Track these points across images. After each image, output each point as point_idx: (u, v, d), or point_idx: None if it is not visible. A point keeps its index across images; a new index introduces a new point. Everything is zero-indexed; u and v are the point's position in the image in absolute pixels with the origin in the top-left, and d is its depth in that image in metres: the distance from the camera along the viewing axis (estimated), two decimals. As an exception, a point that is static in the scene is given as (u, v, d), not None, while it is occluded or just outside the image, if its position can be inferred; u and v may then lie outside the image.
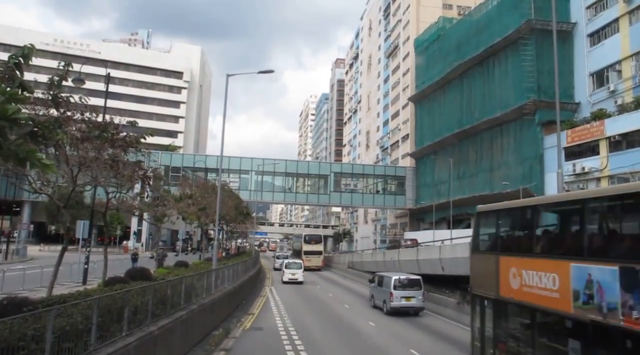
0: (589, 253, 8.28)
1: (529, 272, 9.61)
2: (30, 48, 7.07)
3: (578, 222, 9.23)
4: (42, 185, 13.43)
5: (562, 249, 9.27)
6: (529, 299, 9.56)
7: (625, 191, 8.48)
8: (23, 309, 7.34)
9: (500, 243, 11.39)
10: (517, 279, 9.97)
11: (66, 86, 11.14)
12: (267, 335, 17.47)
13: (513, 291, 10.11)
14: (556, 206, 10.52)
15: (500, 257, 10.86)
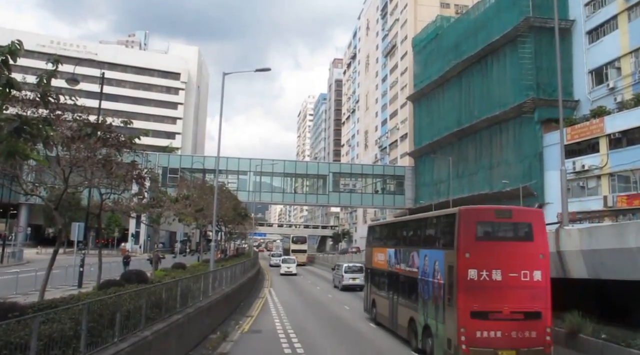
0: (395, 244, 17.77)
1: (378, 254, 19.94)
2: (17, 44, 6.81)
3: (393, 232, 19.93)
4: (34, 187, 13.15)
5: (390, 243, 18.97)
6: (378, 266, 19.84)
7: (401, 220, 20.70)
8: (9, 315, 7.01)
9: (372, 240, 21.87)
10: (376, 257, 20.33)
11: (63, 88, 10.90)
12: (266, 338, 17.16)
13: (374, 263, 20.59)
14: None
15: (372, 248, 21.17)
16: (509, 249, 12.27)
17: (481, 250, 11.96)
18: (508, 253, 12.13)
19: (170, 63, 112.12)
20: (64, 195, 12.19)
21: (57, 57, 8.66)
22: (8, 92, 7.07)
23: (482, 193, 48.27)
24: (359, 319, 21.87)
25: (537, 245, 12.13)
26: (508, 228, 12.78)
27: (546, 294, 11.88)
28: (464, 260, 11.79)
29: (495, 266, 11.82)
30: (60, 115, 10.76)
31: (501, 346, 11.47)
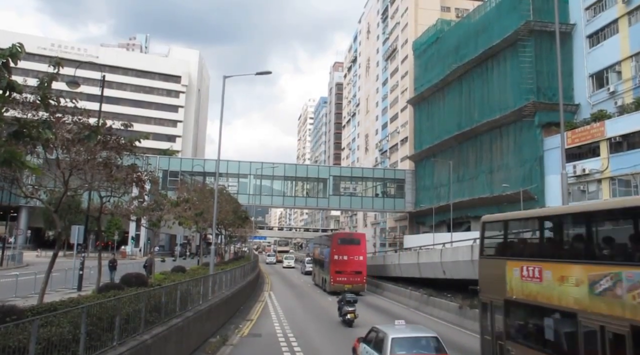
0: None
1: (317, 250, 44.78)
2: (18, 47, 6.80)
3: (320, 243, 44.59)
4: (34, 190, 13.12)
5: None
6: (316, 257, 45.67)
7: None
8: (7, 319, 6.98)
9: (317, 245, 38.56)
10: (316, 251, 45.23)
11: (63, 90, 10.88)
12: (266, 342, 17.11)
13: (315, 256, 45.86)
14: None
15: (314, 248, 37.89)
16: (350, 248, 35.65)
17: (339, 248, 35.55)
18: (350, 249, 35.60)
19: (171, 66, 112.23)
20: (63, 198, 12.15)
21: (58, 60, 8.66)
22: (9, 95, 7.06)
23: (482, 197, 48.22)
24: (359, 322, 21.76)
25: (361, 246, 36.30)
26: (349, 241, 36.83)
27: (364, 264, 35.85)
28: (333, 252, 35.43)
29: (344, 254, 35.32)
30: (61, 118, 10.74)
31: (345, 283, 33.67)
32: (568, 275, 9.55)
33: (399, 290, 32.91)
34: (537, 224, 12.12)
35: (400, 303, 30.45)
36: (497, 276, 11.90)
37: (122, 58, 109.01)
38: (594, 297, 8.71)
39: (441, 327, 20.50)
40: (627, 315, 7.88)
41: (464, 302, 22.26)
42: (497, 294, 11.83)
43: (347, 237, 40.42)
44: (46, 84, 9.01)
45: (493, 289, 12.12)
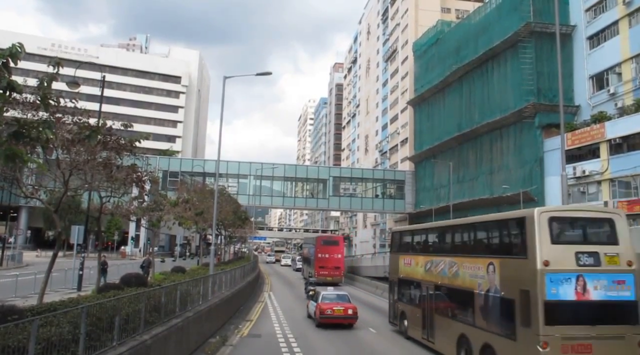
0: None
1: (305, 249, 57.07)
2: (19, 47, 6.80)
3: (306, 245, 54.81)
4: (34, 190, 13.11)
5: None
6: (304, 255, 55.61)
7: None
8: (7, 318, 6.97)
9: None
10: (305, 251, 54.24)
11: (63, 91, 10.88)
12: (266, 342, 17.11)
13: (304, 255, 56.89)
14: None
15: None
16: (331, 248, 44.88)
17: (322, 248, 44.71)
18: (331, 249, 44.87)
19: (171, 66, 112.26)
20: (63, 198, 12.14)
21: (58, 60, 8.65)
22: (9, 95, 7.05)
23: (482, 198, 48.22)
24: (359, 323, 21.78)
25: (340, 248, 46.83)
26: (330, 242, 46.63)
27: (342, 261, 46.22)
28: (317, 251, 44.95)
29: (326, 252, 44.51)
30: (61, 118, 10.74)
31: (327, 276, 41.71)
32: (418, 262, 18.14)
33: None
34: (408, 233, 21.53)
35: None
36: (394, 264, 20.88)
37: (122, 58, 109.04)
38: (425, 272, 17.20)
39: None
40: (434, 280, 16.36)
41: None
42: (394, 274, 20.70)
43: (328, 239, 51.51)
44: (46, 84, 9.01)
45: (392, 272, 21.12)
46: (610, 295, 10.96)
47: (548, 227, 11.23)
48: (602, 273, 11.04)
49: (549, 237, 11.17)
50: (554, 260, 10.92)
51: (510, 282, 11.91)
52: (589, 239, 11.89)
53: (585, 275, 10.91)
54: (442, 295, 15.76)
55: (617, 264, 11.21)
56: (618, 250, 11.36)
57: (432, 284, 16.39)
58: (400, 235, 21.52)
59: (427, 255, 17.44)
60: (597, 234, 12.09)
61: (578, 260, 11.04)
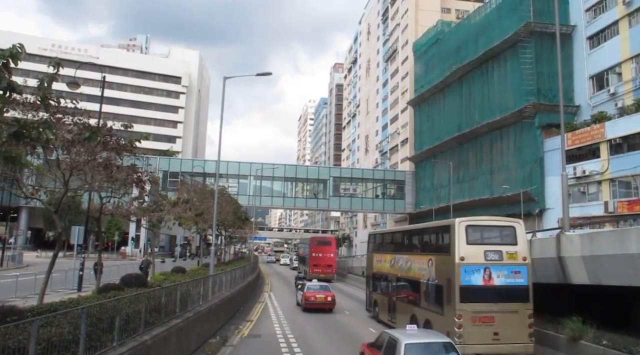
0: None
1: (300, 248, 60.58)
2: (19, 47, 6.80)
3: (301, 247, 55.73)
4: (34, 190, 13.11)
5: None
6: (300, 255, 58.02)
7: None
8: (7, 319, 6.97)
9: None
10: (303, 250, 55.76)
11: (64, 91, 10.87)
12: (266, 342, 17.11)
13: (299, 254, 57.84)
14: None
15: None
16: (324, 248, 48.76)
17: (316, 248, 48.47)
18: (324, 249, 48.74)
19: (171, 67, 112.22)
20: (64, 199, 12.15)
21: (59, 61, 8.65)
22: (9, 96, 7.06)
23: (482, 198, 48.21)
24: (359, 323, 21.78)
25: (332, 248, 50.76)
26: (323, 243, 50.06)
27: (334, 259, 50.42)
28: (312, 251, 48.53)
29: (319, 252, 48.40)
30: (61, 119, 10.74)
31: (320, 273, 44.06)
32: (386, 259, 22.18)
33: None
34: (380, 236, 26.01)
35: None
36: (370, 261, 25.20)
37: (122, 59, 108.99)
38: (390, 267, 21.19)
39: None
40: (396, 273, 20.21)
41: None
42: (369, 270, 25.07)
43: (321, 239, 54.57)
44: (46, 85, 9.02)
45: (368, 268, 25.58)
46: (509, 282, 14.94)
47: (465, 232, 15.14)
48: (503, 266, 14.98)
49: (465, 239, 15.06)
50: (468, 256, 14.87)
51: (440, 272, 15.93)
52: (495, 241, 15.64)
53: (491, 267, 14.91)
54: (401, 285, 19.92)
55: (515, 259, 15.10)
56: (516, 249, 15.22)
57: (395, 276, 20.57)
58: (374, 238, 26.06)
59: (392, 253, 21.64)
60: (501, 237, 15.72)
61: (486, 256, 15.01)
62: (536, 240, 17.19)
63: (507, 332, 14.57)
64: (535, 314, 15.22)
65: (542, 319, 15.86)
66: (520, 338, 14.72)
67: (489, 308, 14.60)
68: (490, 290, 14.82)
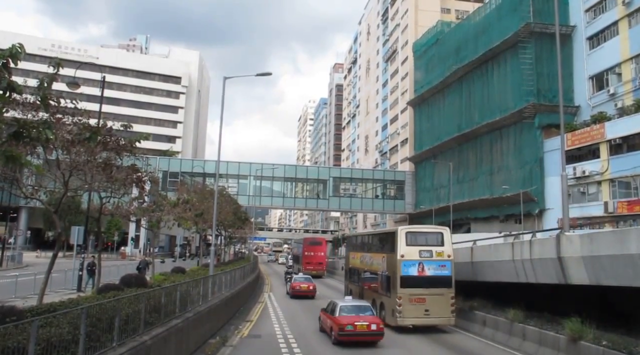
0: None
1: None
2: (19, 47, 6.80)
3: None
4: (34, 191, 13.10)
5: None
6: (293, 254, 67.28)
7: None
8: (6, 320, 6.96)
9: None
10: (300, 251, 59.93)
11: (64, 91, 10.88)
12: (266, 343, 17.09)
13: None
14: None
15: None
16: (315, 248, 54.78)
17: (308, 248, 54.87)
18: (315, 248, 54.75)
19: (171, 67, 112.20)
20: (63, 199, 12.15)
21: (58, 61, 8.65)
22: (9, 96, 7.05)
23: (482, 198, 48.21)
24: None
25: (323, 247, 56.56)
26: (314, 243, 56.05)
27: (324, 258, 56.90)
28: (304, 250, 55.29)
29: (311, 251, 54.46)
30: (61, 119, 10.74)
31: (312, 270, 49.96)
32: (357, 256, 27.47)
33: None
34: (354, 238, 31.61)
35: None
36: (347, 259, 30.40)
37: (122, 59, 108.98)
38: (360, 263, 26.54)
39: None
40: (364, 267, 25.46)
41: None
42: (347, 266, 30.22)
43: (313, 240, 59.55)
44: (46, 85, 9.01)
45: (346, 264, 30.66)
46: (437, 273, 20.00)
47: (405, 237, 20.44)
48: (433, 261, 20.12)
49: (405, 242, 20.32)
50: (406, 254, 20.09)
51: (389, 266, 21.09)
52: (427, 243, 20.61)
53: (424, 262, 20.05)
54: (367, 277, 24.89)
55: (442, 256, 20.18)
56: (443, 249, 20.33)
57: (363, 270, 25.75)
58: (350, 240, 33.91)
59: (361, 252, 27.11)
60: (432, 240, 20.78)
61: (420, 254, 20.12)
62: (536, 240, 17.25)
63: (435, 309, 19.90)
64: (535, 313, 16.88)
65: (542, 319, 16.43)
66: (444, 313, 19.99)
67: (421, 292, 19.93)
68: (422, 279, 19.99)
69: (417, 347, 17.40)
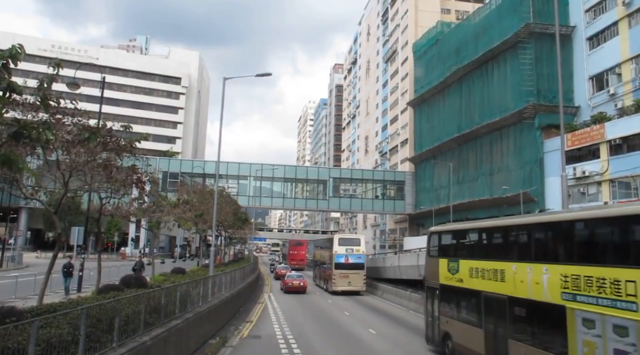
0: None
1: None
2: (18, 48, 6.80)
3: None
4: (33, 191, 13.10)
5: None
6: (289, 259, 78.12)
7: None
8: (6, 320, 6.96)
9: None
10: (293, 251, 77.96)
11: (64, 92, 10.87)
12: (265, 343, 17.10)
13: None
14: None
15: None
16: (298, 247, 72.46)
17: (293, 248, 73.26)
18: (298, 248, 72.14)
19: (171, 68, 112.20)
20: (63, 200, 12.15)
21: (58, 61, 8.65)
22: (9, 96, 7.05)
23: (482, 199, 48.19)
24: (360, 325, 21.77)
25: (304, 247, 72.03)
26: (297, 244, 73.67)
27: (305, 256, 71.21)
28: (290, 249, 73.92)
29: (295, 250, 71.82)
30: (61, 119, 10.73)
31: (295, 265, 65.02)
32: (318, 252, 49.79)
33: None
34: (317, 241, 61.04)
35: None
36: (314, 254, 54.26)
37: (122, 59, 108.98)
38: (320, 257, 46.58)
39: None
40: (322, 259, 44.32)
41: None
42: (312, 260, 56.83)
43: (296, 241, 76.07)
44: (46, 85, 9.01)
45: (312, 258, 58.31)
46: (355, 261, 36.99)
47: (337, 240, 38.38)
48: (353, 254, 37.04)
49: (338, 244, 37.71)
50: (338, 251, 37.18)
51: (330, 258, 38.21)
52: (351, 244, 37.84)
53: (349, 255, 36.93)
54: (324, 266, 40.72)
55: (359, 252, 37.39)
56: (359, 248, 37.71)
57: (319, 261, 43.96)
58: (316, 242, 48.38)
59: (320, 250, 44.61)
60: (354, 242, 38.50)
61: (346, 251, 37.12)
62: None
63: (354, 282, 36.70)
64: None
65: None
66: (359, 284, 36.91)
67: (346, 272, 36.79)
68: (347, 264, 36.81)
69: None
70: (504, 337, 11.61)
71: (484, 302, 12.67)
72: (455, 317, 14.38)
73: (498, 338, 11.96)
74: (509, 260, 11.90)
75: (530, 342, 10.65)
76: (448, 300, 15.06)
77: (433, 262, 16.52)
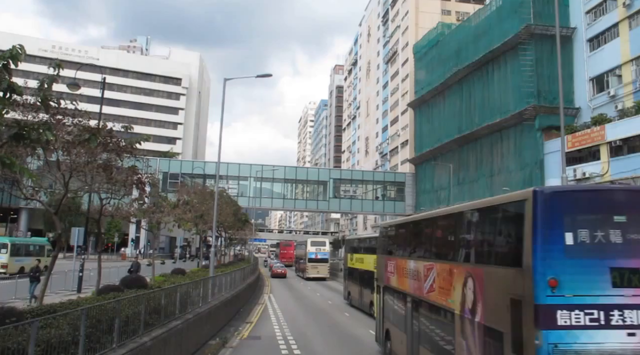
0: None
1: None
2: (19, 49, 6.81)
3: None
4: (34, 192, 13.11)
5: None
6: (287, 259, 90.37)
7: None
8: (6, 321, 6.96)
9: None
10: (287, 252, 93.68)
11: (64, 92, 10.90)
12: (265, 344, 17.09)
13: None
14: None
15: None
16: (287, 248, 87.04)
17: (283, 248, 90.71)
18: (287, 248, 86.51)
19: (171, 68, 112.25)
20: (64, 200, 12.15)
21: (59, 62, 8.65)
22: (9, 97, 7.06)
23: (482, 200, 48.14)
24: (360, 325, 21.76)
25: (292, 248, 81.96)
26: (286, 245, 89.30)
27: (293, 255, 77.34)
28: (281, 249, 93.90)
29: (285, 250, 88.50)
30: (61, 120, 10.75)
31: (285, 262, 75.44)
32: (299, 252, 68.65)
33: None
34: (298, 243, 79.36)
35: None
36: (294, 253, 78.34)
37: (122, 60, 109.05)
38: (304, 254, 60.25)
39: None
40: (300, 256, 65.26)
41: None
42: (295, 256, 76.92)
43: (285, 242, 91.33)
44: (47, 86, 9.01)
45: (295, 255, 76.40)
46: (322, 257, 55.75)
47: (310, 243, 56.38)
48: (320, 252, 55.71)
49: (310, 245, 55.81)
50: (310, 250, 55.42)
51: (304, 255, 57.78)
52: (319, 246, 56.25)
53: (317, 253, 55.41)
54: (300, 260, 62.72)
55: (325, 250, 56.25)
56: (324, 248, 56.54)
57: (301, 257, 61.72)
58: (297, 244, 67.22)
59: (299, 250, 65.49)
60: (321, 244, 57.09)
61: (316, 250, 55.39)
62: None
63: (321, 271, 55.11)
64: None
65: None
66: (325, 272, 55.31)
67: (316, 264, 54.92)
68: (316, 259, 54.96)
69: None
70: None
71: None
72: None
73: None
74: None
75: None
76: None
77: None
